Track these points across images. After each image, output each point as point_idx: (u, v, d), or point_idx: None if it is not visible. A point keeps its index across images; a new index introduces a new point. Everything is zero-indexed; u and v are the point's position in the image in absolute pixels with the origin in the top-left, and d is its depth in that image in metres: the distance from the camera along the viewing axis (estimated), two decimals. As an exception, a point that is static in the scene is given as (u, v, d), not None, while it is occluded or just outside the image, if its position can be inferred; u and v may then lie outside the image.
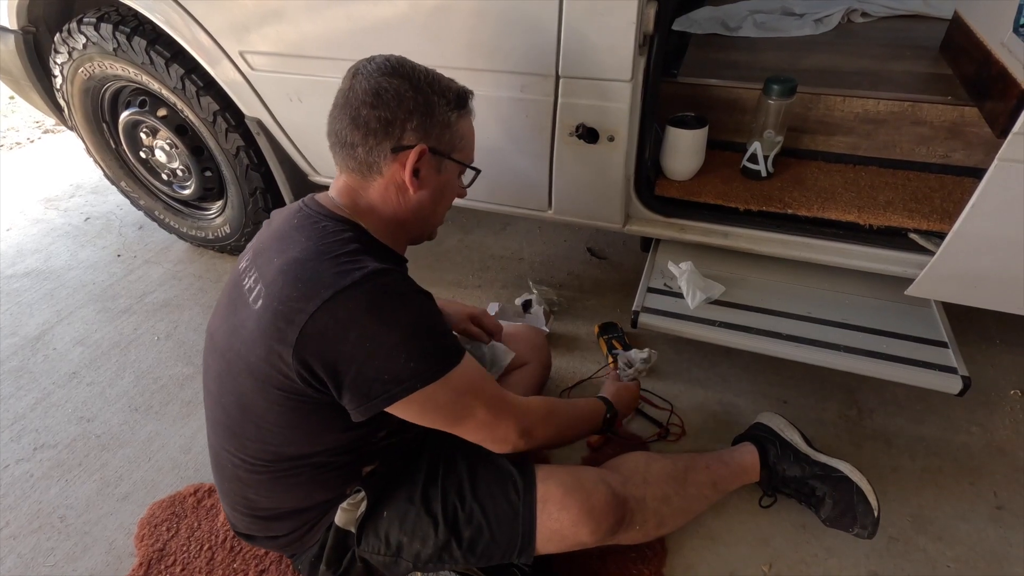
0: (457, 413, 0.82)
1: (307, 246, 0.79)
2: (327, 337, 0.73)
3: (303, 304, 0.73)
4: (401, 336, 0.74)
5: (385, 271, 0.76)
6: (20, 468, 1.32)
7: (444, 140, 0.85)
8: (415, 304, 0.78)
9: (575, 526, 0.88)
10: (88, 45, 1.52)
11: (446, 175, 0.88)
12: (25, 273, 1.95)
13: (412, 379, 0.75)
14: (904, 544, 1.10)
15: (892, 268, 1.15)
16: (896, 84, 1.31)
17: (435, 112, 0.82)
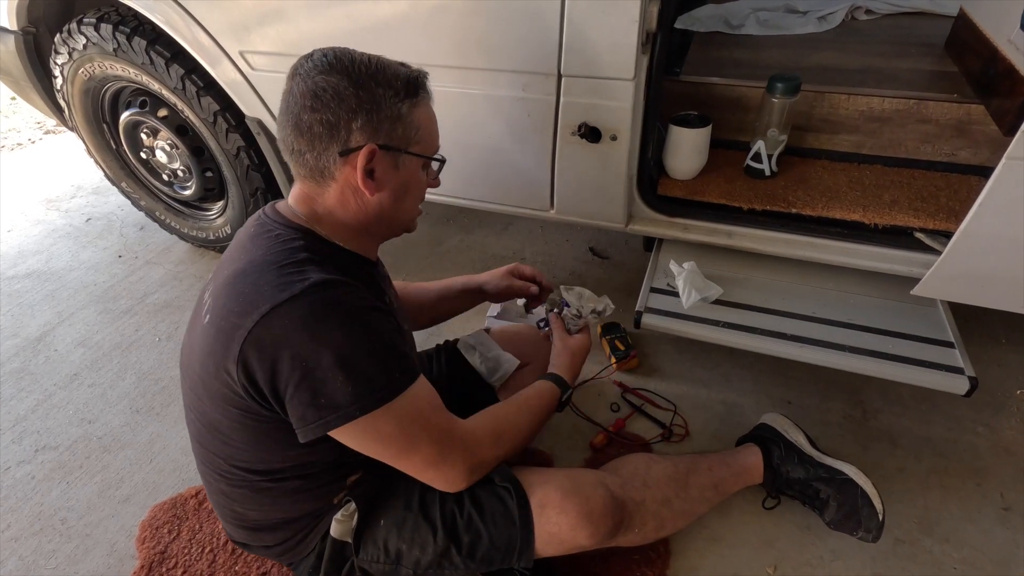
0: (400, 446, 0.76)
1: (254, 256, 0.76)
2: (264, 354, 0.69)
3: (242, 319, 0.70)
4: (337, 357, 0.69)
5: (328, 283, 0.71)
6: (22, 470, 1.31)
7: (396, 135, 0.78)
8: (358, 321, 0.72)
9: (573, 530, 0.87)
10: (88, 46, 1.51)
11: (406, 171, 0.82)
12: (26, 274, 1.94)
13: (349, 406, 0.70)
14: (910, 546, 1.10)
15: (898, 268, 1.14)
16: (901, 82, 1.30)
17: (382, 106, 0.75)
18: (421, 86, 0.80)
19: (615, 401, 1.40)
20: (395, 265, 1.87)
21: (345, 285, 0.73)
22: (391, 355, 0.74)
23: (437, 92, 1.22)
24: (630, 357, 1.45)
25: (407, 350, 0.79)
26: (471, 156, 1.32)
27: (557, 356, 1.05)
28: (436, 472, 0.80)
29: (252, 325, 0.69)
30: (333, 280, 0.72)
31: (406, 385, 0.75)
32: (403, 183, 0.82)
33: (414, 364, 0.78)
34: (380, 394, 0.72)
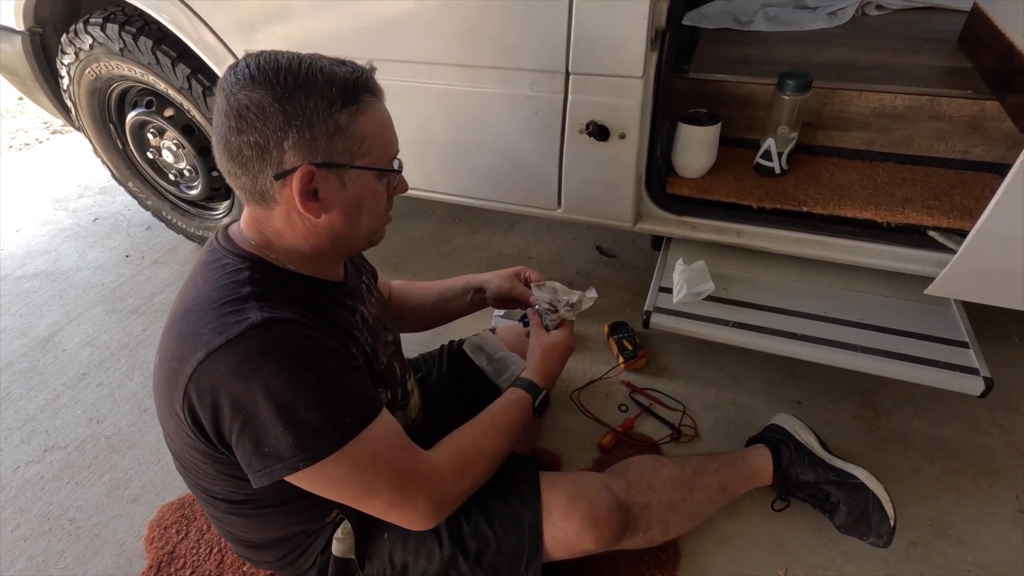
0: (355, 491, 0.71)
1: (199, 292, 0.71)
2: (205, 401, 0.65)
3: (182, 365, 0.66)
4: (276, 407, 0.63)
5: (267, 324, 0.65)
6: (31, 470, 1.32)
7: (337, 150, 0.69)
8: (299, 365, 0.65)
9: (579, 535, 0.86)
10: (95, 45, 1.51)
11: (356, 187, 0.72)
12: (35, 274, 1.95)
13: (292, 457, 0.65)
14: (924, 548, 1.08)
15: (910, 267, 1.13)
16: (913, 78, 1.28)
17: (314, 120, 0.66)
18: (363, 89, 0.70)
19: (623, 402, 1.39)
20: (400, 265, 1.87)
21: (286, 324, 0.67)
22: (339, 399, 0.68)
23: (443, 90, 1.24)
24: (638, 357, 1.44)
25: (361, 388, 0.72)
26: (477, 155, 1.31)
27: (530, 356, 0.98)
28: (399, 514, 0.74)
29: (191, 372, 0.65)
30: (272, 320, 0.66)
31: (357, 430, 0.68)
32: (354, 200, 0.73)
33: (370, 403, 0.72)
34: (324, 444, 0.66)
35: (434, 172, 1.39)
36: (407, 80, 1.24)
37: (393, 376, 0.91)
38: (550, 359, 0.96)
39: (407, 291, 1.18)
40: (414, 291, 1.18)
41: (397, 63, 1.22)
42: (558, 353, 0.97)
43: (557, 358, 0.97)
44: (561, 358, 0.98)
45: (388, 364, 0.89)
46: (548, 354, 0.97)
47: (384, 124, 0.74)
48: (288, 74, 0.66)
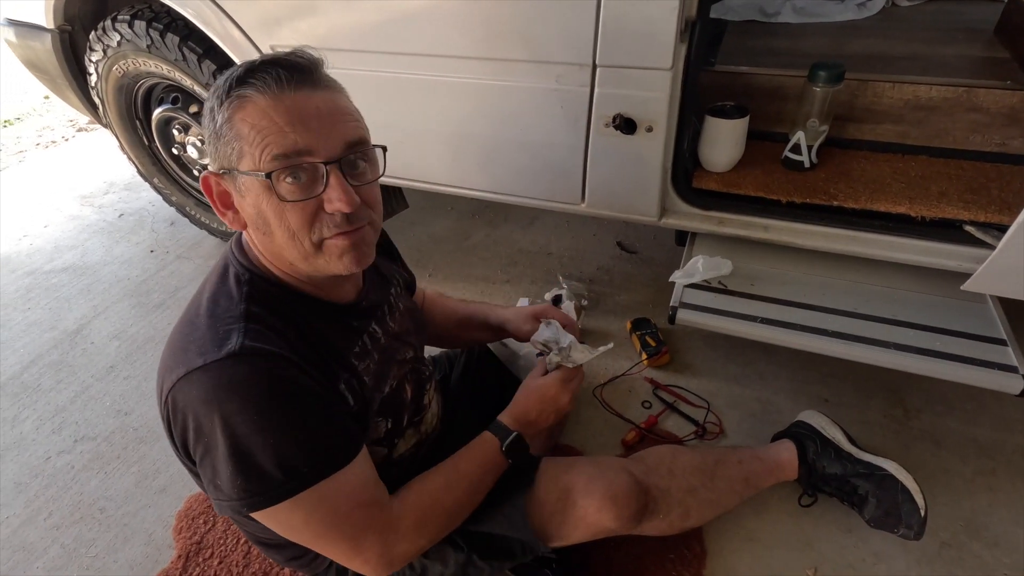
0: (308, 538, 0.69)
1: (202, 300, 0.70)
2: (177, 417, 0.64)
3: (168, 375, 0.65)
4: (231, 445, 0.61)
5: (244, 356, 0.62)
6: (62, 460, 1.34)
7: (224, 153, 0.64)
8: (263, 409, 0.62)
9: (599, 512, 0.86)
10: (122, 43, 1.53)
11: (250, 196, 0.65)
12: (63, 268, 1.99)
13: (239, 499, 0.63)
14: (957, 550, 1.06)
15: (946, 262, 1.10)
16: (949, 69, 1.25)
17: (211, 118, 0.64)
18: (242, 81, 0.62)
19: (647, 398, 1.38)
20: (420, 260, 1.87)
21: (264, 358, 0.63)
22: (300, 447, 0.64)
23: (468, 83, 1.23)
24: (661, 353, 1.43)
25: (331, 437, 0.67)
26: (501, 149, 1.31)
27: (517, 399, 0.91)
28: (349, 563, 0.72)
29: (171, 385, 0.63)
30: (252, 351, 0.62)
31: (314, 480, 0.64)
32: (255, 211, 0.66)
33: (336, 453, 0.67)
34: (273, 492, 0.63)
35: (456, 167, 1.39)
36: (431, 74, 1.23)
37: (400, 400, 0.87)
38: (526, 402, 0.89)
39: (435, 306, 1.14)
40: (440, 310, 1.14)
41: (421, 57, 1.22)
42: (535, 397, 0.89)
43: (534, 402, 0.89)
44: (539, 403, 0.88)
45: (397, 387, 0.86)
46: (527, 396, 0.90)
47: (261, 121, 0.62)
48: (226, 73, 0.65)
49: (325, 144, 0.64)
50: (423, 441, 0.93)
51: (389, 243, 1.04)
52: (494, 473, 0.85)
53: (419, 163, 1.40)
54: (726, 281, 1.25)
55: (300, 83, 0.63)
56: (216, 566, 1.11)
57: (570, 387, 0.90)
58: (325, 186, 0.65)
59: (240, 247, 0.74)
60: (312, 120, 0.63)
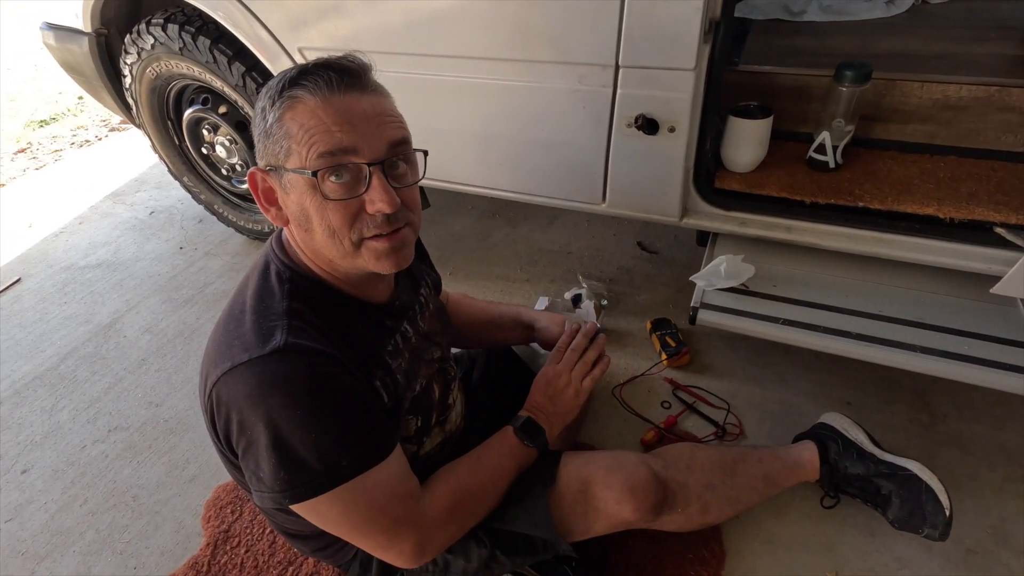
0: (347, 531, 0.72)
1: (245, 297, 0.72)
2: (221, 410, 0.67)
3: (213, 369, 0.67)
4: (274, 439, 0.63)
5: (289, 352, 0.64)
6: (96, 448, 1.39)
7: (271, 151, 0.67)
8: (305, 404, 0.64)
9: (618, 503, 0.87)
10: (156, 45, 1.58)
11: (295, 193, 0.68)
12: (97, 264, 2.05)
13: (281, 491, 0.66)
14: (984, 557, 1.04)
15: (975, 265, 1.08)
16: (980, 68, 1.23)
17: (263, 117, 0.66)
18: (294, 83, 0.65)
19: (666, 398, 1.38)
20: (440, 259, 1.89)
21: (307, 355, 0.65)
22: (340, 441, 0.66)
23: (491, 84, 1.24)
24: (681, 354, 1.43)
25: (369, 432, 0.70)
26: (522, 149, 1.32)
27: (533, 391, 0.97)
28: (384, 555, 0.75)
29: (216, 379, 0.66)
30: (295, 347, 0.65)
31: (352, 475, 0.67)
32: (298, 208, 0.68)
33: (373, 448, 0.70)
34: (313, 484, 0.66)
35: (479, 166, 1.40)
36: (455, 75, 1.25)
37: (429, 399, 0.89)
38: (534, 389, 0.97)
39: (461, 307, 1.17)
40: (467, 309, 1.18)
41: (445, 58, 1.24)
42: (541, 382, 0.97)
43: (540, 386, 0.96)
44: (544, 385, 0.96)
45: (426, 386, 0.88)
46: (534, 384, 0.97)
47: (309, 120, 0.64)
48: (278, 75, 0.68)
49: (370, 145, 0.66)
50: (447, 440, 0.95)
51: (419, 243, 1.06)
52: (513, 458, 0.87)
53: (442, 163, 1.42)
54: (748, 282, 1.24)
55: (349, 86, 0.66)
56: (243, 554, 1.14)
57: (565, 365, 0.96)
58: (367, 187, 0.67)
59: (281, 245, 0.76)
60: (359, 121, 0.65)
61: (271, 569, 1.12)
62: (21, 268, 2.07)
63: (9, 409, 1.51)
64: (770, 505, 1.10)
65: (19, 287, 1.97)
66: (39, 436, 1.43)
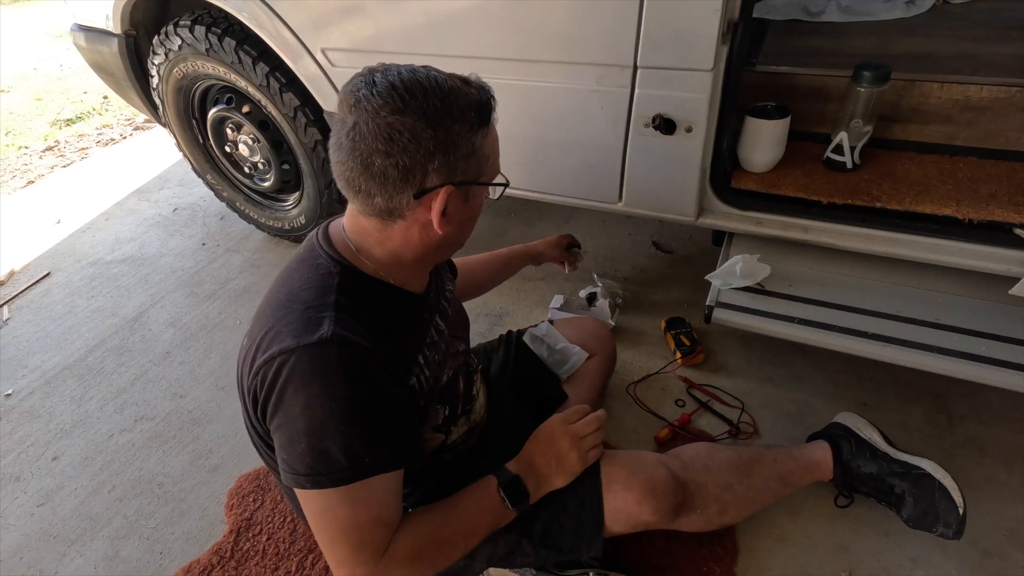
0: (321, 530, 0.73)
1: (292, 287, 0.75)
2: (262, 390, 0.70)
3: (258, 353, 0.70)
4: (308, 425, 0.67)
5: (334, 344, 0.67)
6: (124, 437, 1.44)
7: (471, 170, 0.72)
8: (342, 394, 0.67)
9: (639, 505, 0.88)
10: (183, 46, 1.62)
11: (475, 201, 0.76)
12: (123, 259, 2.11)
13: (302, 475, 0.69)
14: (1000, 559, 1.04)
15: (994, 266, 1.08)
16: (1001, 68, 1.22)
17: (458, 144, 0.69)
18: (492, 109, 0.73)
19: (680, 397, 1.39)
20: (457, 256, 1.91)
21: (352, 348, 0.68)
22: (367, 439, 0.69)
23: (509, 85, 1.26)
24: (696, 353, 1.43)
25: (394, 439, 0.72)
26: (540, 148, 1.34)
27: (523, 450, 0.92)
28: (337, 571, 0.75)
29: (263, 361, 0.69)
30: (342, 339, 0.67)
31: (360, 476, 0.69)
32: (471, 213, 0.77)
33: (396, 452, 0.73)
34: (336, 475, 0.68)
35: (497, 165, 1.42)
36: (474, 76, 1.27)
37: (455, 390, 0.91)
38: (529, 445, 0.91)
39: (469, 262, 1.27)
40: (477, 262, 1.29)
41: (465, 59, 1.26)
42: (536, 439, 0.91)
43: (535, 443, 0.91)
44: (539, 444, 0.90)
45: (453, 377, 0.90)
46: (531, 440, 0.92)
47: (497, 141, 0.77)
48: (435, 98, 0.66)
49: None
50: (472, 430, 0.97)
51: None
52: (490, 515, 0.84)
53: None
54: (763, 282, 1.25)
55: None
56: (264, 542, 1.18)
57: (569, 429, 0.90)
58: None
59: (328, 240, 0.78)
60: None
61: (292, 557, 1.15)
62: (50, 263, 2.13)
63: (40, 398, 1.56)
64: (784, 504, 1.11)
65: (48, 281, 2.03)
66: (69, 425, 1.48)
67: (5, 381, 1.63)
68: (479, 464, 0.93)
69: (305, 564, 1.13)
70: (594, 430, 0.91)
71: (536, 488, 0.87)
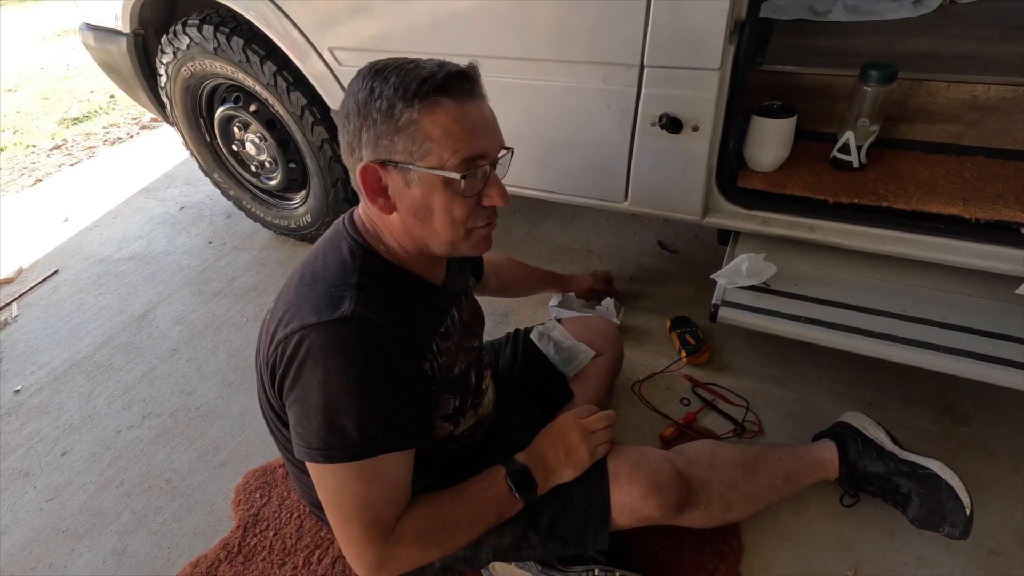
0: (335, 507, 0.74)
1: (316, 268, 0.77)
2: (280, 363, 0.72)
3: (279, 328, 0.72)
4: (324, 400, 0.68)
5: (354, 322, 0.68)
6: (132, 433, 1.45)
7: (398, 147, 0.69)
8: (360, 372, 0.68)
9: (644, 499, 0.89)
10: (191, 45, 1.63)
11: (420, 189, 0.71)
12: (130, 257, 2.12)
13: (316, 449, 0.70)
14: (1007, 559, 1.04)
15: (1000, 265, 1.08)
16: (1009, 68, 1.22)
17: (378, 119, 0.68)
18: (438, 88, 0.67)
19: (685, 395, 1.39)
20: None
21: (371, 328, 0.70)
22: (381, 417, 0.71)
23: (516, 84, 1.27)
24: (701, 352, 1.44)
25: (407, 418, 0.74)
26: (546, 147, 1.34)
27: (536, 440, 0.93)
28: (348, 548, 0.76)
29: (284, 335, 0.71)
30: (362, 318, 0.69)
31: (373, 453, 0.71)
32: (421, 202, 0.72)
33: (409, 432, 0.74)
34: (345, 451, 0.70)
35: (503, 164, 1.43)
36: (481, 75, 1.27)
37: (466, 383, 0.92)
38: (539, 438, 0.92)
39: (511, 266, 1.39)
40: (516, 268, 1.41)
41: (471, 58, 1.26)
42: (547, 432, 0.92)
43: (545, 436, 0.92)
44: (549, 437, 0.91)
45: (464, 370, 0.91)
46: (541, 433, 0.93)
47: (453, 127, 0.69)
48: (381, 71, 0.69)
49: (492, 149, 0.74)
50: (480, 423, 0.98)
51: None
52: (497, 503, 0.85)
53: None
54: (769, 281, 1.25)
55: (475, 94, 0.72)
56: (271, 537, 1.18)
57: (579, 423, 0.90)
58: (487, 183, 0.74)
59: (354, 225, 0.80)
60: (486, 129, 0.73)
61: (298, 552, 1.15)
62: (58, 260, 2.14)
63: (49, 395, 1.58)
64: (789, 502, 1.11)
65: (57, 278, 2.05)
66: (77, 420, 1.49)
67: (14, 377, 1.64)
68: (485, 458, 0.94)
69: (312, 559, 1.14)
70: (604, 427, 0.92)
71: (544, 479, 0.88)
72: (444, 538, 0.80)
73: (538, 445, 0.91)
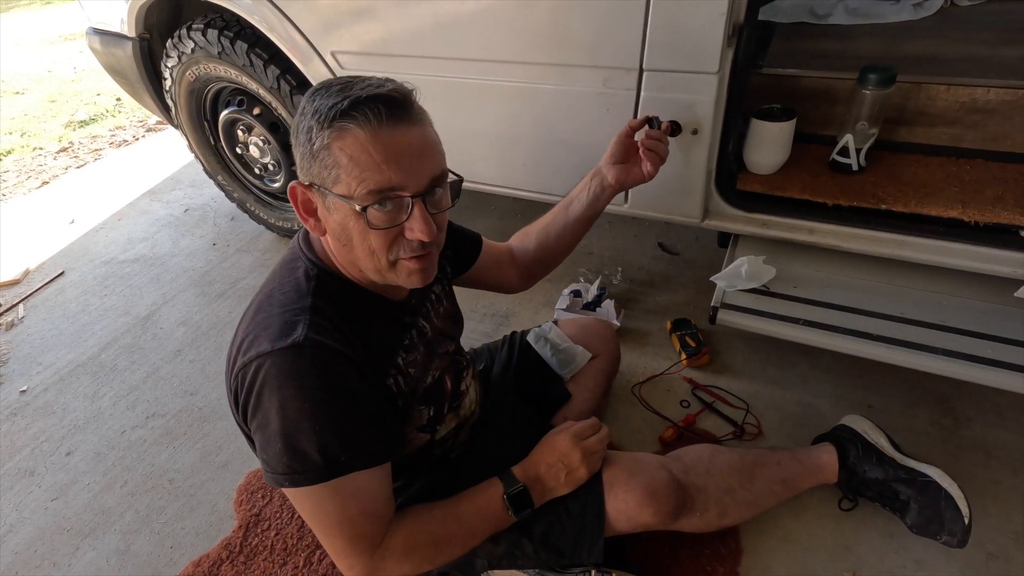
0: (316, 525, 0.75)
1: (272, 289, 0.77)
2: (242, 391, 0.72)
3: (239, 356, 0.73)
4: (282, 426, 0.69)
5: (306, 348, 0.68)
6: (135, 434, 1.46)
7: (315, 171, 0.69)
8: (315, 398, 0.68)
9: (639, 507, 0.89)
10: (196, 49, 1.65)
11: (337, 214, 0.70)
12: (135, 259, 2.14)
13: (281, 473, 0.71)
14: (1005, 562, 1.04)
15: (999, 268, 1.08)
16: (1009, 71, 1.22)
17: (308, 137, 0.67)
18: (345, 115, 0.65)
19: (685, 398, 1.39)
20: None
21: (324, 352, 0.69)
22: (342, 439, 0.71)
23: (516, 87, 1.28)
24: (701, 354, 1.44)
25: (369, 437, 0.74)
26: (546, 150, 1.35)
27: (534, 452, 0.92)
28: (338, 561, 0.77)
29: (243, 364, 0.71)
30: (315, 344, 0.69)
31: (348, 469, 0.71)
32: (339, 227, 0.71)
33: (373, 450, 0.74)
34: (312, 473, 0.70)
35: (503, 167, 1.44)
36: (481, 78, 1.29)
37: (441, 391, 0.92)
38: (537, 454, 0.90)
39: (527, 241, 1.16)
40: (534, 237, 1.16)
41: (472, 62, 1.27)
42: (546, 450, 0.90)
43: (544, 455, 0.90)
44: (548, 455, 0.89)
45: (438, 378, 0.91)
46: (539, 449, 0.91)
47: (359, 155, 0.65)
48: (312, 95, 0.69)
49: (414, 180, 0.68)
50: (462, 424, 0.99)
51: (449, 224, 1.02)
52: (491, 521, 0.85)
53: (467, 164, 1.45)
54: (769, 283, 1.25)
55: (397, 119, 0.67)
56: (273, 537, 1.19)
57: (581, 445, 0.89)
58: (409, 216, 0.70)
59: (308, 244, 0.80)
60: (405, 158, 0.67)
61: (299, 552, 1.16)
62: (64, 262, 2.17)
63: (54, 395, 1.59)
64: (788, 505, 1.11)
65: (62, 280, 2.07)
66: (82, 420, 1.51)
67: (20, 378, 1.66)
68: (476, 460, 0.94)
69: (312, 560, 1.15)
70: (603, 447, 0.93)
71: (540, 497, 0.88)
72: (435, 552, 0.81)
73: (536, 463, 0.89)
